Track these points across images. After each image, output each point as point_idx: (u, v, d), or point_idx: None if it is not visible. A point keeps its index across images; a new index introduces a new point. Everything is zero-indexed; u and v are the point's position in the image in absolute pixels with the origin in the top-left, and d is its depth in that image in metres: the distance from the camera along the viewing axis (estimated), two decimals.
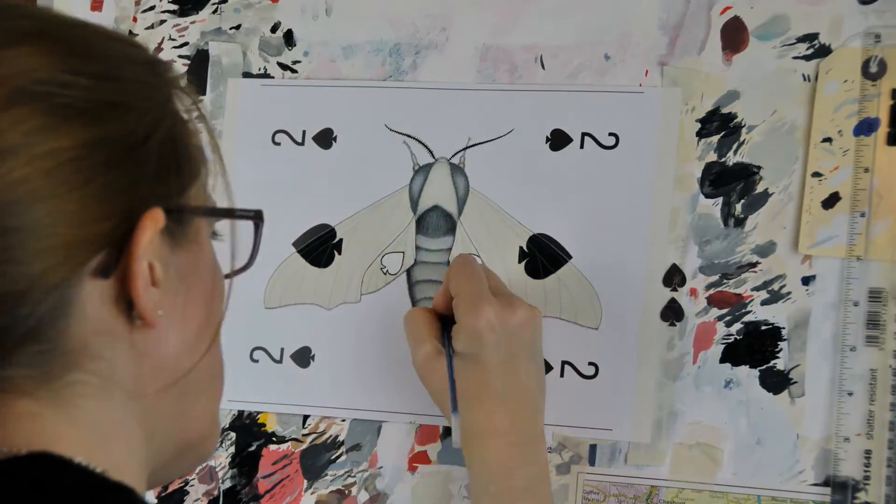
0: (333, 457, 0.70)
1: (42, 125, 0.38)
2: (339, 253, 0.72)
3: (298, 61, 0.74)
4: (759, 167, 0.66)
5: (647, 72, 0.68)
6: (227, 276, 0.47)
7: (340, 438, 0.70)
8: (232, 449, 0.72)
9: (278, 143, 0.73)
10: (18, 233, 0.37)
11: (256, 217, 0.47)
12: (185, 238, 0.44)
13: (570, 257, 0.68)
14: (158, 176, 0.42)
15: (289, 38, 0.74)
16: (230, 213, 0.46)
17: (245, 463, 0.71)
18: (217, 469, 0.72)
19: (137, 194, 0.41)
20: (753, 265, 0.65)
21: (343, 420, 0.70)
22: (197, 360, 0.45)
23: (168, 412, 0.45)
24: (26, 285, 0.38)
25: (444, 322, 0.62)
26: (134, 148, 0.41)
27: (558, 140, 0.69)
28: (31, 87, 0.38)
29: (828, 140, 0.65)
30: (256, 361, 0.72)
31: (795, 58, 0.66)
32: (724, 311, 0.65)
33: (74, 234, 0.38)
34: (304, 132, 0.73)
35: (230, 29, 0.75)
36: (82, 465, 0.39)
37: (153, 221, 0.41)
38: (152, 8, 0.77)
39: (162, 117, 0.43)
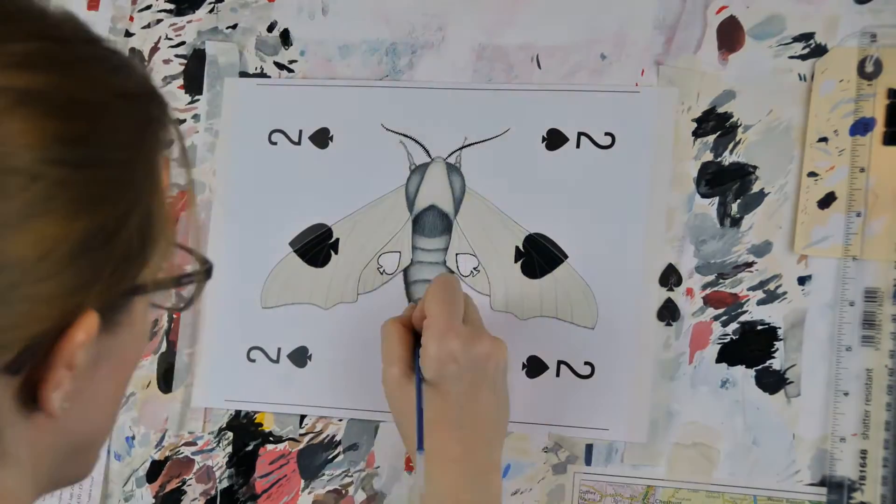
0: (330, 456, 0.70)
1: (5, 222, 0.34)
2: (336, 253, 0.72)
3: (295, 61, 0.74)
4: (755, 167, 0.66)
5: (643, 71, 0.68)
6: (155, 306, 0.44)
7: (337, 438, 0.70)
8: (229, 448, 0.72)
9: (275, 143, 0.73)
10: None
11: (205, 276, 0.43)
12: (118, 322, 0.39)
13: (566, 257, 0.68)
14: (114, 271, 0.37)
15: (285, 38, 0.74)
16: (177, 283, 0.42)
17: (242, 462, 0.71)
18: (214, 469, 0.72)
19: (83, 295, 0.36)
20: (749, 265, 0.65)
21: (340, 420, 0.70)
22: (101, 430, 0.43)
23: (57, 461, 0.42)
24: None
25: (419, 339, 0.62)
26: (97, 247, 0.36)
27: (554, 140, 0.69)
28: (4, 179, 0.34)
29: (824, 140, 0.64)
30: (253, 361, 0.72)
31: (791, 57, 0.66)
32: (721, 310, 0.65)
33: (4, 338, 0.34)
34: (300, 132, 0.73)
35: (227, 28, 0.75)
36: None
37: (85, 331, 0.36)
38: (149, 7, 0.77)
39: (139, 196, 0.38)
